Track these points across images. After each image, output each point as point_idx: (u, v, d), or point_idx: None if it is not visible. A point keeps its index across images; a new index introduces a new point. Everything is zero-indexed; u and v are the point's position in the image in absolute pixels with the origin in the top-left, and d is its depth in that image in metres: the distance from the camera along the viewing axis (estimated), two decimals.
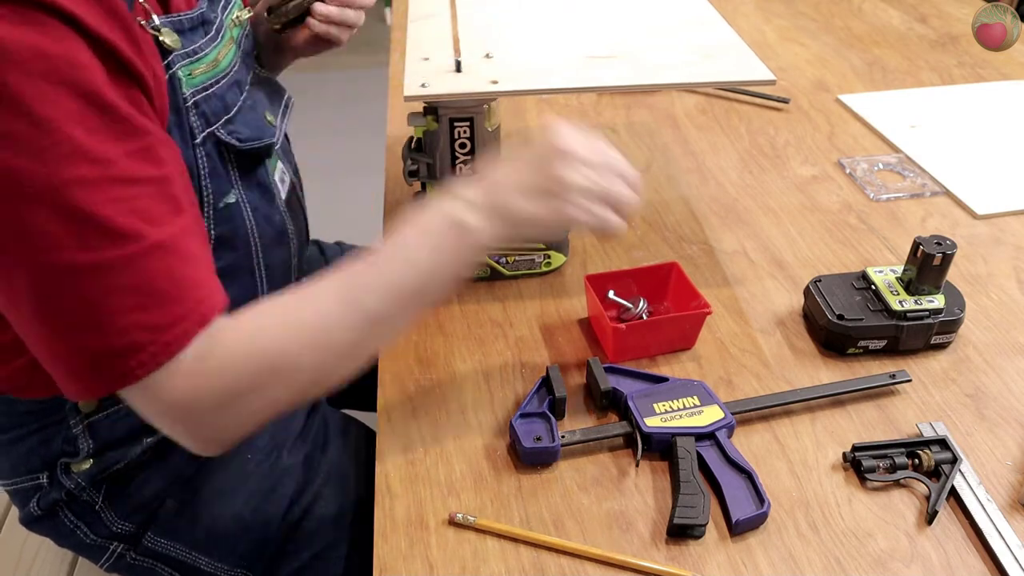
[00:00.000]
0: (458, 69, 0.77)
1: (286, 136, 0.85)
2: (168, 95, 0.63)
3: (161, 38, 0.62)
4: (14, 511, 1.11)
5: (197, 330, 0.57)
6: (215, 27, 0.71)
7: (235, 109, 0.71)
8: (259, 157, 0.74)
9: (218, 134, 0.68)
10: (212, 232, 0.70)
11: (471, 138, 0.80)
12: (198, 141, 0.66)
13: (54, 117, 0.51)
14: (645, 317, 0.80)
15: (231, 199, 0.71)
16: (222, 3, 0.74)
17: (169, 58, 0.63)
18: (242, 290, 0.75)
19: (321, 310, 0.61)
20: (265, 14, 0.85)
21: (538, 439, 0.68)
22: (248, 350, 0.59)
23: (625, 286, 0.82)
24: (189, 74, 0.65)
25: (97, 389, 0.57)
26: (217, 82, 0.69)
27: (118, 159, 0.54)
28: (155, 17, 0.62)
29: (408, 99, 0.74)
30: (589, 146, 0.65)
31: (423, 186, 0.86)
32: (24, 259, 0.53)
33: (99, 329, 0.54)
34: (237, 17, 0.77)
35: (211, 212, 0.69)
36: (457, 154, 0.81)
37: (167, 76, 0.63)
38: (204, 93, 0.67)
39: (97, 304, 0.54)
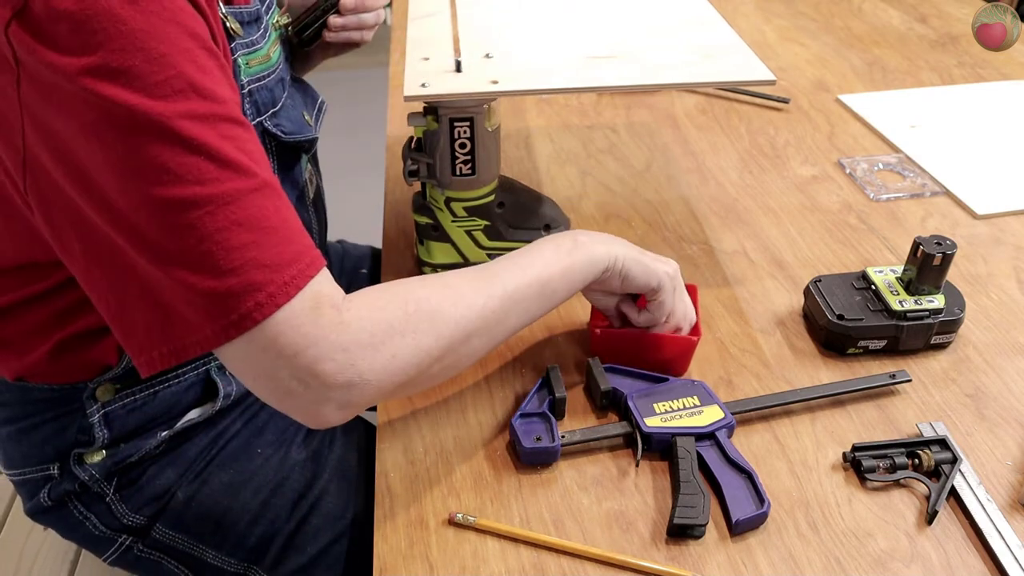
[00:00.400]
0: (458, 69, 0.77)
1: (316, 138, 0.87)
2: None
3: (228, 24, 0.64)
4: (15, 510, 1.11)
5: (312, 273, 0.56)
6: (263, 26, 0.73)
7: (280, 104, 0.73)
8: (298, 153, 0.76)
9: (265, 124, 0.70)
10: None
11: (471, 138, 0.80)
12: None
13: (168, 52, 0.51)
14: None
15: None
16: (267, 4, 0.76)
17: (232, 44, 0.66)
18: None
19: (465, 280, 0.64)
20: (287, 29, 0.86)
21: (538, 439, 0.69)
22: (404, 297, 0.59)
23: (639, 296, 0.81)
24: (247, 63, 0.68)
25: (208, 339, 0.54)
26: (268, 75, 0.71)
27: (227, 100, 0.55)
28: (222, 5, 0.65)
29: (408, 99, 0.74)
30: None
31: (423, 186, 0.86)
32: (138, 194, 0.52)
33: (215, 268, 0.52)
34: (277, 21, 0.80)
35: None
36: (457, 154, 0.80)
37: (231, 61, 0.66)
38: (257, 83, 0.69)
39: (213, 241, 0.52)
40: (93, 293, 0.58)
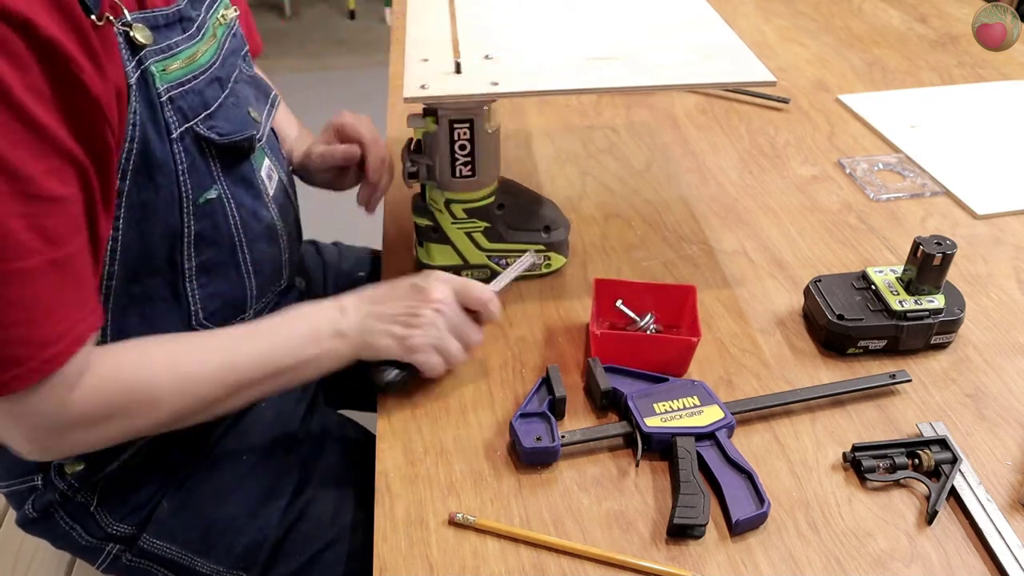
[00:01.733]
0: (458, 70, 0.77)
1: (275, 133, 0.85)
2: (140, 92, 0.63)
3: (132, 34, 0.62)
4: (10, 516, 1.11)
5: (75, 349, 0.59)
6: (196, 25, 0.70)
7: (215, 105, 0.71)
8: (242, 152, 0.74)
9: (197, 129, 0.68)
10: (192, 227, 0.69)
11: (471, 139, 0.80)
12: (175, 136, 0.66)
13: None
14: (649, 333, 0.79)
15: (212, 194, 0.70)
16: (207, 2, 0.74)
17: (141, 54, 0.63)
18: (227, 285, 0.75)
19: (201, 362, 0.67)
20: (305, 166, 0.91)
21: (538, 439, 0.69)
22: (128, 382, 0.64)
23: (639, 299, 0.81)
24: (163, 69, 0.65)
25: None
26: (195, 78, 0.68)
27: (36, 175, 0.54)
28: (127, 13, 0.62)
29: (407, 101, 0.74)
30: (449, 308, 0.74)
31: (423, 188, 0.86)
32: None
33: None
34: (223, 16, 0.76)
35: (190, 208, 0.69)
36: (457, 156, 0.80)
37: (140, 71, 0.63)
38: (180, 89, 0.67)
39: None
40: None
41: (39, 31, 0.52)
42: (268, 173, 0.80)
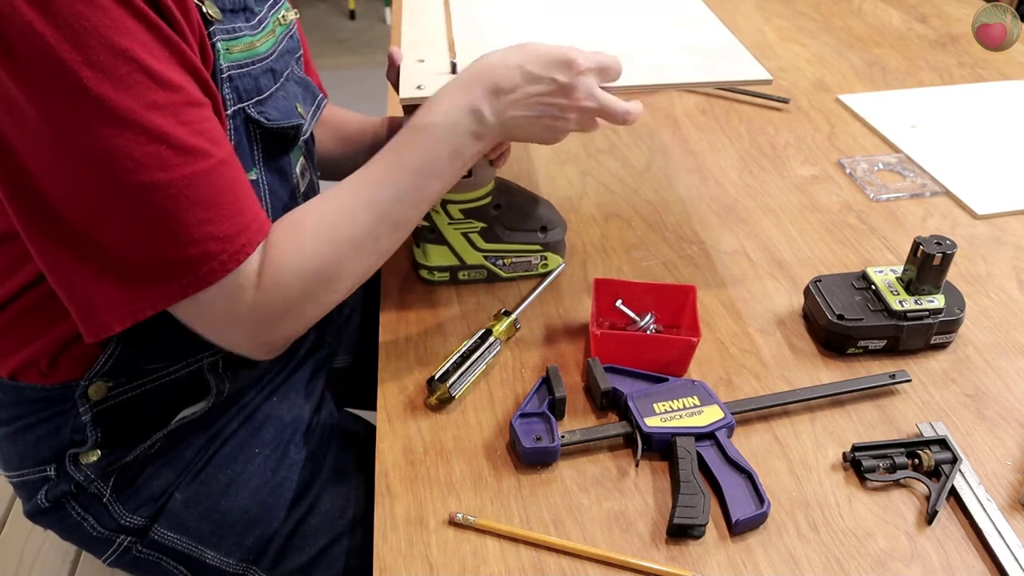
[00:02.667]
0: (453, 71, 0.77)
1: (313, 138, 0.87)
2: (210, 63, 0.67)
3: (204, 8, 0.65)
4: (15, 510, 1.11)
5: (259, 239, 0.65)
6: (258, 19, 0.74)
7: (267, 93, 0.74)
8: (285, 142, 0.76)
9: (248, 111, 0.71)
10: None
11: None
12: (229, 113, 0.69)
13: (129, 47, 0.56)
14: (648, 333, 0.79)
15: (252, 176, 0.73)
16: (270, 1, 0.77)
17: (210, 28, 0.66)
18: None
19: (357, 223, 0.69)
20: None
21: (538, 439, 0.69)
22: (298, 267, 0.66)
23: (639, 298, 0.81)
24: (226, 49, 0.68)
25: (165, 298, 0.62)
26: (252, 64, 0.72)
27: (185, 84, 0.60)
28: None
29: (404, 102, 0.74)
30: (589, 61, 0.71)
31: None
32: (108, 179, 0.58)
33: (176, 241, 0.60)
34: (283, 16, 0.80)
35: None
36: None
37: (209, 45, 0.66)
38: (239, 70, 0.70)
39: (174, 218, 0.60)
40: (46, 266, 0.63)
41: None
42: (302, 171, 0.82)
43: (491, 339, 0.78)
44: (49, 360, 0.72)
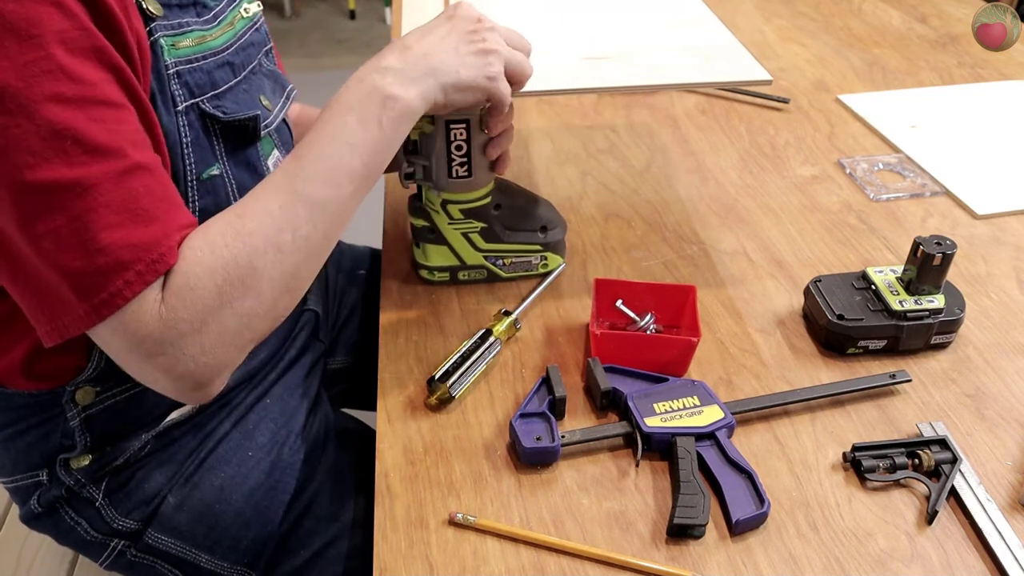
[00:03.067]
0: None
1: (288, 128, 0.85)
2: (151, 60, 0.64)
3: (145, 5, 0.63)
4: (13, 511, 1.11)
5: (175, 254, 0.58)
6: (212, 13, 0.72)
7: (224, 87, 0.72)
8: (248, 135, 0.74)
9: (202, 106, 0.69)
10: (196, 204, 0.70)
11: (467, 140, 0.80)
12: (180, 109, 0.67)
13: (38, 34, 0.52)
14: (648, 333, 0.79)
15: (215, 171, 0.71)
16: None
17: (151, 25, 0.64)
18: None
19: (266, 211, 0.62)
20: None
21: (538, 439, 0.68)
22: (208, 266, 0.59)
23: (639, 298, 0.81)
24: (172, 45, 0.66)
25: (81, 319, 0.56)
26: (203, 58, 0.70)
27: (99, 82, 0.55)
28: None
29: None
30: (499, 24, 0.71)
31: (419, 189, 0.86)
32: (6, 176, 0.53)
33: (84, 248, 0.54)
34: (245, 9, 0.78)
35: (194, 183, 0.69)
36: (453, 156, 0.80)
37: (150, 41, 0.64)
38: (188, 66, 0.68)
39: (81, 221, 0.54)
40: None
41: None
42: (275, 163, 0.81)
43: (491, 339, 0.78)
44: (33, 366, 0.71)
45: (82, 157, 0.54)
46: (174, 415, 0.78)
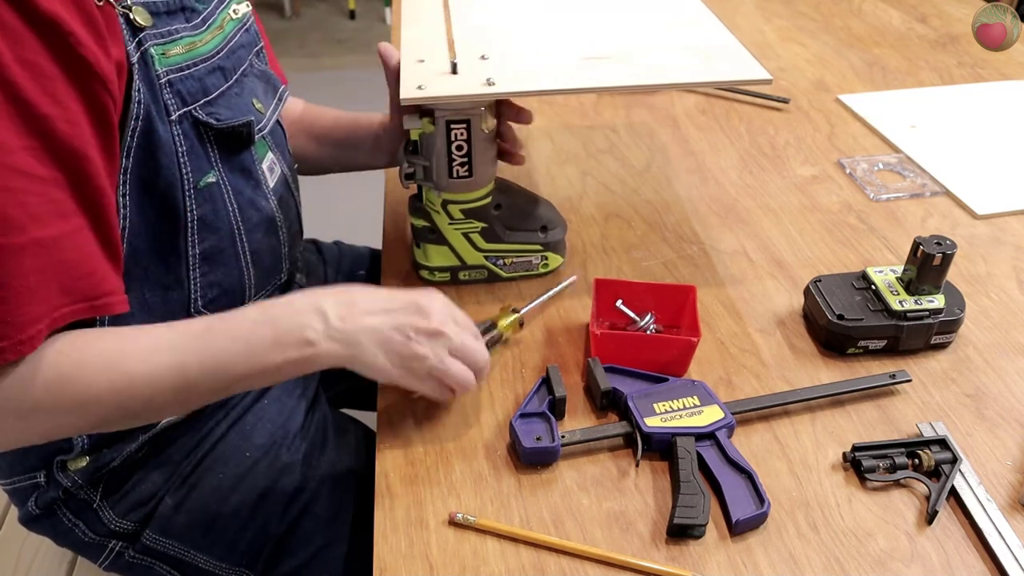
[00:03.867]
0: (454, 71, 0.77)
1: (282, 129, 0.85)
2: (141, 72, 0.64)
3: (132, 16, 0.63)
4: (12, 512, 1.11)
5: (46, 334, 0.57)
6: (202, 17, 0.71)
7: (216, 93, 0.71)
8: (242, 140, 0.74)
9: (196, 114, 0.69)
10: (194, 212, 0.70)
11: (468, 140, 0.80)
12: (173, 118, 0.67)
13: None
14: (649, 333, 0.79)
15: (211, 179, 0.71)
16: None
17: (140, 35, 0.64)
18: (226, 274, 0.75)
19: (149, 364, 0.62)
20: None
21: (538, 439, 0.68)
22: (65, 377, 0.59)
23: (639, 299, 0.81)
24: (162, 53, 0.66)
25: None
26: (194, 65, 0.69)
27: (16, 150, 0.54)
28: None
29: (404, 102, 0.74)
30: (456, 327, 0.68)
31: (419, 189, 0.86)
32: None
33: None
34: (234, 11, 0.77)
35: (191, 191, 0.69)
36: (454, 156, 0.80)
37: (140, 52, 0.64)
38: (179, 73, 0.68)
39: None
40: None
41: (37, 6, 0.53)
42: (270, 166, 0.80)
43: (495, 331, 0.78)
44: None
45: None
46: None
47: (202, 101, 0.69)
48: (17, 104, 0.54)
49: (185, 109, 0.68)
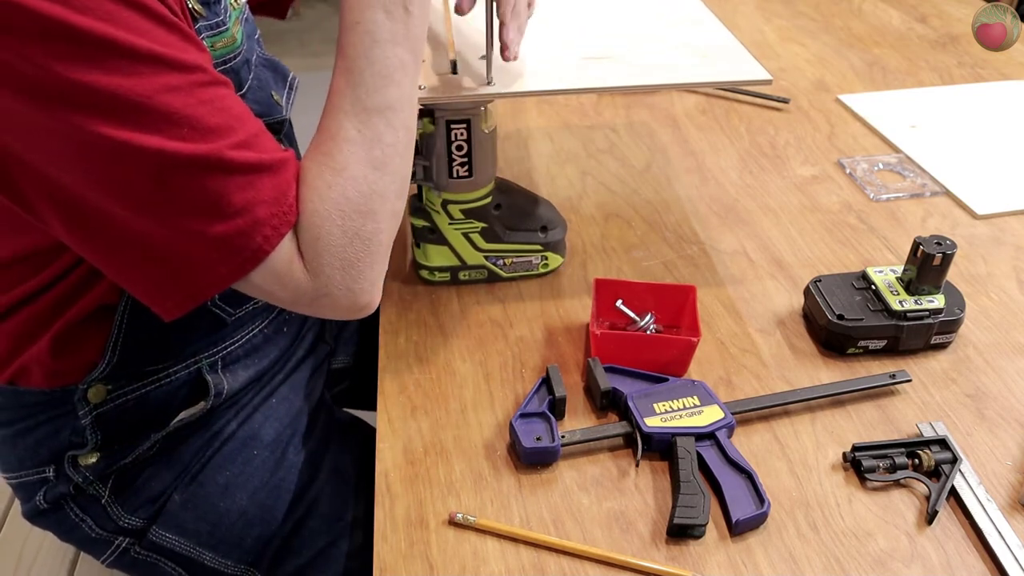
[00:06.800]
0: (454, 71, 0.77)
1: (290, 123, 0.85)
2: None
3: (190, 4, 0.63)
4: (15, 510, 1.11)
5: (299, 194, 0.60)
6: (224, 6, 0.72)
7: (246, 86, 0.72)
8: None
9: None
10: None
11: (468, 140, 0.80)
12: None
13: (131, 37, 0.53)
14: (649, 333, 0.79)
15: None
16: None
17: (197, 26, 0.65)
18: None
19: (347, 139, 0.62)
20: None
21: (538, 439, 0.68)
22: (323, 213, 0.61)
23: (639, 298, 0.81)
24: (212, 46, 0.66)
25: (224, 278, 0.59)
26: (234, 57, 0.70)
27: (197, 65, 0.57)
28: None
29: None
30: None
31: (419, 189, 0.86)
32: (135, 166, 0.55)
33: (222, 213, 0.57)
34: (236, 1, 0.77)
35: None
36: (454, 156, 0.80)
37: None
38: (224, 67, 0.68)
39: (213, 190, 0.56)
40: (98, 262, 0.61)
41: None
42: None
43: None
44: (46, 366, 0.72)
45: (198, 137, 0.55)
46: (183, 415, 0.78)
47: (238, 95, 0.69)
48: (180, 31, 0.56)
49: None
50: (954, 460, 0.68)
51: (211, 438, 0.81)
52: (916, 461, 0.68)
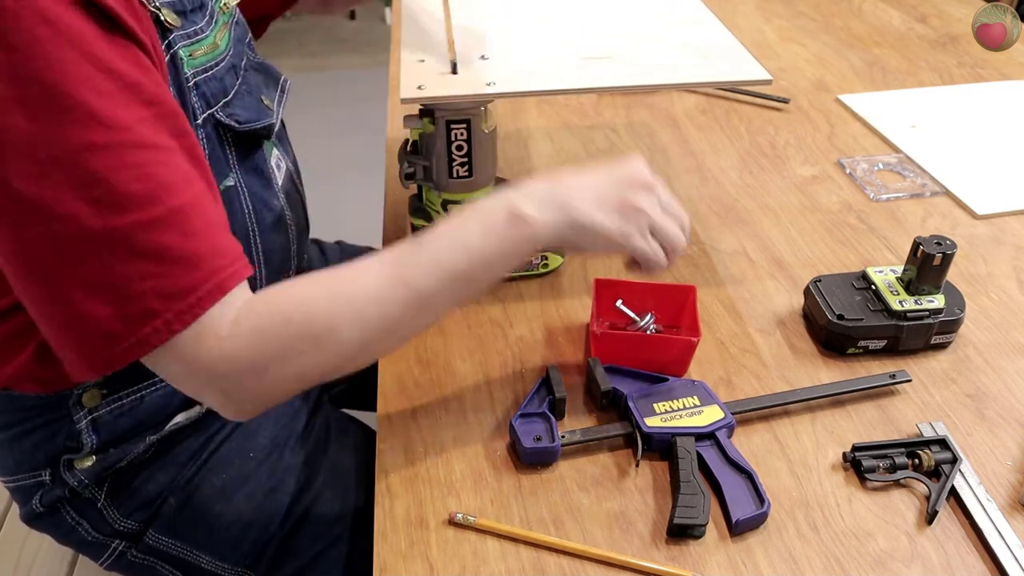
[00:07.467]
0: (454, 71, 0.77)
1: (283, 123, 0.85)
2: (171, 74, 0.63)
3: (162, 16, 0.62)
4: (13, 511, 1.11)
5: (216, 297, 0.57)
6: (208, 12, 0.71)
7: (232, 92, 0.71)
8: (257, 140, 0.74)
9: (217, 116, 0.68)
10: None
11: (468, 140, 0.80)
12: (199, 122, 0.66)
13: (65, 83, 0.51)
14: (649, 333, 0.79)
15: (230, 182, 0.71)
16: None
17: (170, 37, 0.63)
18: None
19: (368, 284, 0.60)
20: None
21: (538, 439, 0.68)
22: (286, 315, 0.59)
23: (639, 298, 0.81)
24: (190, 55, 0.65)
25: (110, 360, 0.56)
26: (216, 64, 0.69)
27: (131, 125, 0.54)
28: None
29: (404, 102, 0.74)
30: (661, 186, 0.67)
31: (419, 189, 0.86)
32: (39, 227, 0.53)
33: (114, 296, 0.54)
34: (225, 4, 0.77)
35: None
36: (454, 156, 0.80)
37: (169, 55, 0.63)
38: (205, 75, 0.67)
39: (111, 271, 0.54)
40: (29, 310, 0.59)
41: (104, 4, 0.53)
42: (277, 163, 0.80)
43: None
44: (34, 373, 0.71)
45: (113, 208, 0.53)
46: (179, 418, 0.78)
47: (222, 102, 0.69)
48: (118, 79, 0.53)
49: (209, 111, 0.67)
50: (954, 460, 0.68)
51: (207, 441, 0.80)
52: (916, 461, 0.68)
